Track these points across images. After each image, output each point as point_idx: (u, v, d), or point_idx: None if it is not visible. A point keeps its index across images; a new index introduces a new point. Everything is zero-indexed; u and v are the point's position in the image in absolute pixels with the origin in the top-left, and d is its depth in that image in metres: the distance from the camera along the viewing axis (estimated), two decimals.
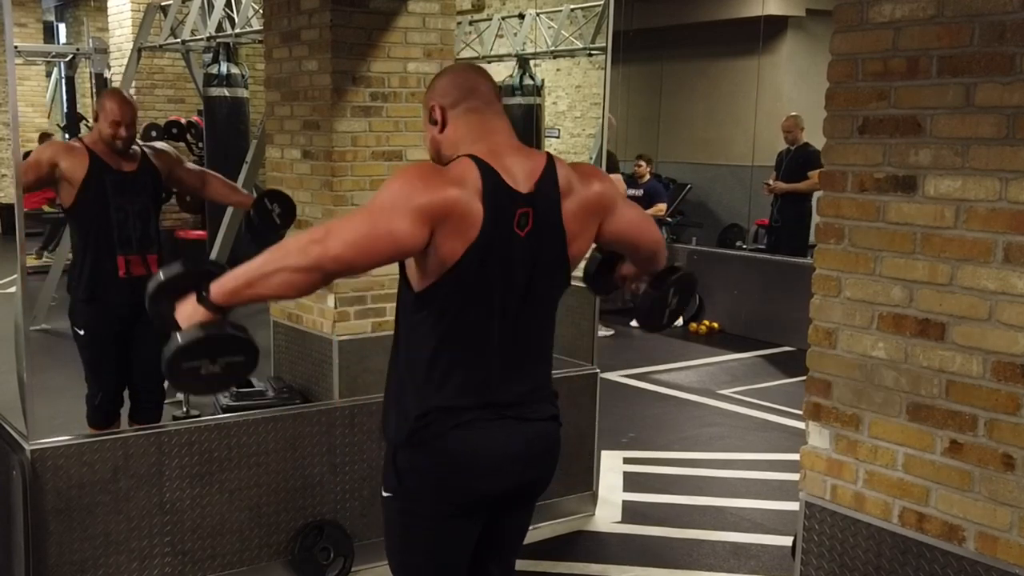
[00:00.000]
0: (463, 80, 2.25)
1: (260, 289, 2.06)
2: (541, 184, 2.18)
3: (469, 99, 2.23)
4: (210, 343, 2.09)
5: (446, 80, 2.27)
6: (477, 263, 2.10)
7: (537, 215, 2.17)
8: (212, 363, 2.09)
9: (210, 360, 2.09)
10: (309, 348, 5.28)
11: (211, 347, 2.10)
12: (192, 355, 2.08)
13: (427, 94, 2.30)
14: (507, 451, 2.22)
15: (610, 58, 4.55)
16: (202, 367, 2.09)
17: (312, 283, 2.05)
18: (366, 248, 2.03)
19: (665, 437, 5.85)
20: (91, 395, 4.47)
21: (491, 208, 2.09)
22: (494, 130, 2.22)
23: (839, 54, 2.77)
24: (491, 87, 2.28)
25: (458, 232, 2.07)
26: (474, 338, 2.18)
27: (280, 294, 2.08)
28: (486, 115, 2.23)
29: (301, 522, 3.68)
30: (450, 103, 2.23)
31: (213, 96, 8.99)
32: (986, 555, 2.54)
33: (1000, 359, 2.47)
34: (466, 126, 2.22)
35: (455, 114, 2.23)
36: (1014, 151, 2.42)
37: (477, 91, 2.24)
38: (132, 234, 4.31)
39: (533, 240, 2.17)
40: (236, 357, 2.12)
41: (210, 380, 2.13)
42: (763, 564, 4.12)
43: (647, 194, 10.19)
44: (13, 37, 3.69)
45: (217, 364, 2.10)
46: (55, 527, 3.20)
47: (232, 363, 2.12)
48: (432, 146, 2.28)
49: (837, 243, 2.81)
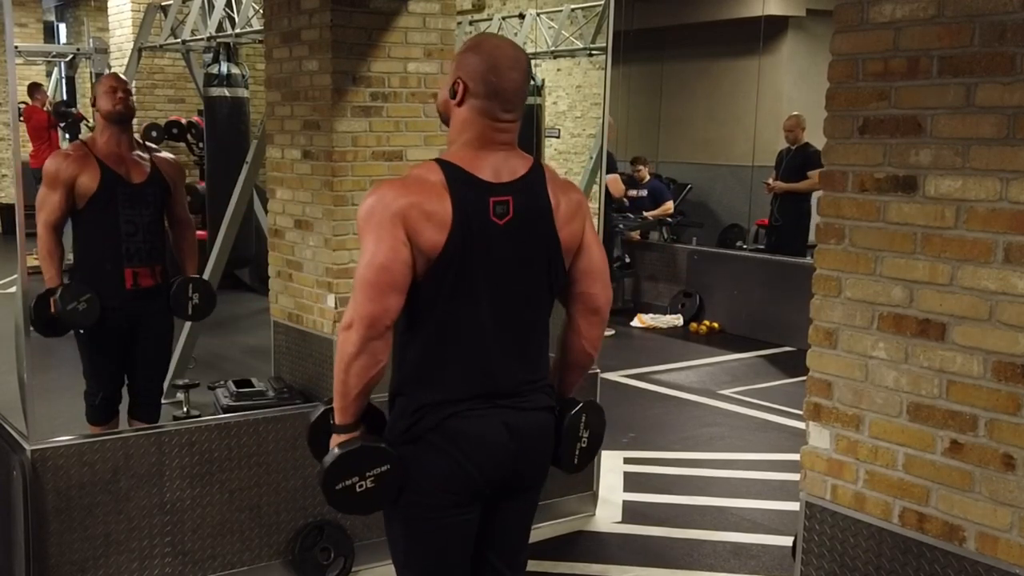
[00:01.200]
0: (495, 76, 2.21)
1: (353, 388, 2.18)
2: (526, 176, 2.25)
3: (490, 100, 2.22)
4: (350, 459, 2.21)
5: (481, 64, 2.21)
6: (457, 254, 2.16)
7: (518, 204, 2.22)
8: (363, 479, 2.21)
9: (359, 476, 2.20)
10: (309, 348, 5.28)
11: (353, 463, 2.21)
12: (338, 475, 2.21)
13: (459, 58, 2.26)
14: (500, 439, 2.26)
15: (610, 58, 4.55)
16: (355, 485, 2.21)
17: (381, 346, 2.16)
18: (387, 288, 2.13)
19: (665, 437, 5.85)
20: (91, 393, 4.47)
21: (458, 198, 2.16)
22: (492, 138, 2.24)
23: (840, 54, 2.77)
24: (518, 86, 2.24)
25: (432, 226, 2.14)
26: (465, 331, 2.22)
27: (371, 375, 2.18)
28: (495, 124, 2.24)
29: (301, 522, 3.68)
30: (472, 91, 2.23)
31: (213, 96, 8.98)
32: (986, 555, 2.53)
33: (1000, 359, 2.47)
34: (471, 122, 2.24)
35: (471, 104, 2.24)
36: (1014, 151, 2.41)
37: (502, 94, 2.22)
38: (141, 247, 4.32)
39: (515, 229, 2.22)
40: (381, 467, 2.22)
41: (367, 496, 2.23)
42: (763, 564, 4.12)
43: (651, 194, 10.19)
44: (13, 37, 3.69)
45: (367, 479, 2.21)
46: (55, 527, 3.20)
47: (381, 474, 2.22)
48: (443, 107, 2.31)
49: (837, 243, 2.81)
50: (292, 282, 5.35)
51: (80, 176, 4.20)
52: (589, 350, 2.44)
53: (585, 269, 2.37)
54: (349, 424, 2.23)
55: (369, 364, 2.15)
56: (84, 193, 4.22)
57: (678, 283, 9.30)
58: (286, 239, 5.37)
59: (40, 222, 4.22)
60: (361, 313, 2.13)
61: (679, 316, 9.03)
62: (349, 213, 4.91)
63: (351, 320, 2.15)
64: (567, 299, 2.40)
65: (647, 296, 9.62)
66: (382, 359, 2.17)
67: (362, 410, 2.25)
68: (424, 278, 2.17)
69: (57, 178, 4.21)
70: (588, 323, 2.41)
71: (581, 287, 2.38)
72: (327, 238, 5.00)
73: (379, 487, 2.22)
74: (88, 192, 4.21)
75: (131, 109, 4.34)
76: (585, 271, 2.37)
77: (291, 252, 5.33)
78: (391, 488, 2.25)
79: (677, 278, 9.32)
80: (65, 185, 4.19)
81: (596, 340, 2.44)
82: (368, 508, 2.31)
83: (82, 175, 4.21)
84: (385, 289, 2.13)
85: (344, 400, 2.20)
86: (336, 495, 2.22)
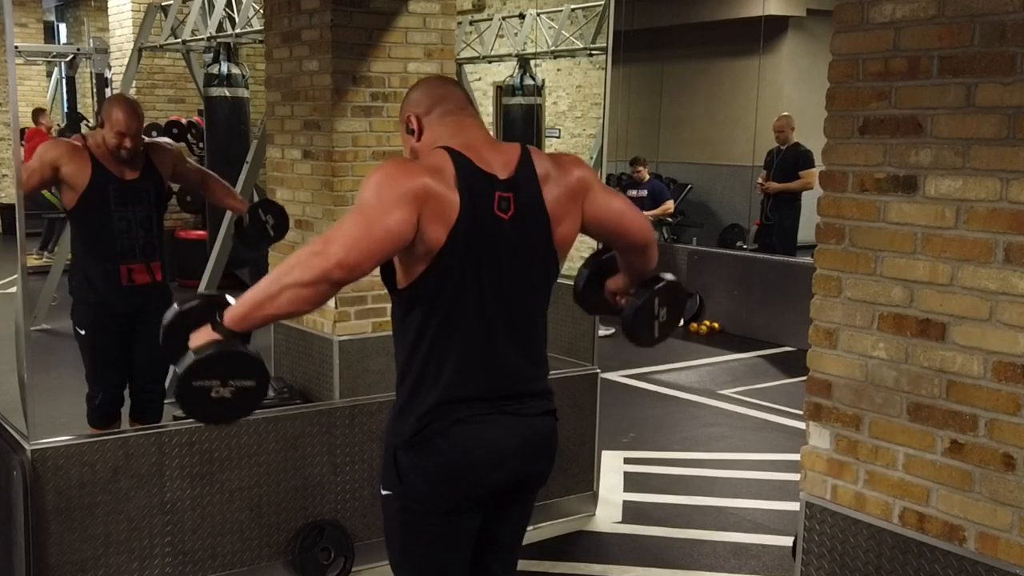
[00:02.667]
0: (434, 88, 2.34)
1: (270, 309, 2.05)
2: (519, 171, 2.24)
3: (442, 103, 2.29)
4: (221, 360, 2.07)
5: (418, 91, 2.35)
6: (462, 247, 2.14)
7: (519, 199, 2.22)
8: (223, 386, 2.07)
9: (221, 382, 2.07)
10: (310, 348, 5.28)
11: (222, 365, 2.07)
12: (203, 373, 2.06)
13: (401, 108, 2.37)
14: (505, 447, 2.25)
15: (611, 58, 4.55)
16: (212, 389, 2.06)
17: (321, 295, 2.05)
18: (367, 248, 2.05)
19: (665, 437, 5.85)
20: (92, 395, 4.47)
21: (466, 191, 2.14)
22: (468, 128, 2.28)
23: (840, 54, 2.77)
24: (462, 94, 2.36)
25: (439, 217, 2.12)
26: (467, 329, 2.21)
27: (291, 311, 2.07)
28: (460, 117, 2.30)
29: (301, 522, 3.68)
30: (424, 111, 2.30)
31: (214, 96, 8.99)
32: (987, 555, 2.53)
33: (1001, 359, 2.47)
34: (441, 127, 2.27)
35: (430, 120, 2.29)
36: (1015, 151, 2.41)
37: (449, 97, 2.31)
38: (135, 243, 4.31)
39: (517, 224, 2.21)
40: (247, 381, 2.10)
41: (220, 405, 2.09)
42: (764, 564, 4.12)
43: (651, 194, 10.20)
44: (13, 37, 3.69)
45: (227, 388, 2.07)
46: (56, 527, 3.20)
47: (243, 388, 2.09)
48: (412, 153, 2.33)
49: (838, 243, 2.81)
50: None
51: (67, 165, 4.15)
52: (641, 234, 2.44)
53: (609, 218, 2.36)
54: (238, 333, 2.09)
55: (305, 298, 2.03)
56: (75, 186, 4.19)
57: None
58: (286, 239, 5.37)
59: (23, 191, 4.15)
60: (338, 256, 2.02)
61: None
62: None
63: (322, 252, 2.02)
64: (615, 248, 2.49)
65: None
66: (316, 304, 2.07)
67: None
68: (427, 272, 2.15)
69: (43, 158, 4.18)
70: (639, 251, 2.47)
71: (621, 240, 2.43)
72: None
73: (235, 400, 2.09)
74: (79, 186, 4.19)
75: (133, 154, 4.23)
76: (611, 219, 2.37)
77: (291, 252, 5.32)
78: (246, 408, 2.14)
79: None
80: (49, 164, 4.14)
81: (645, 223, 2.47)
82: (214, 418, 2.20)
83: (69, 165, 4.16)
84: (375, 250, 2.06)
85: (255, 311, 2.06)
86: (191, 392, 2.07)
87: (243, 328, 2.09)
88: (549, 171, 2.28)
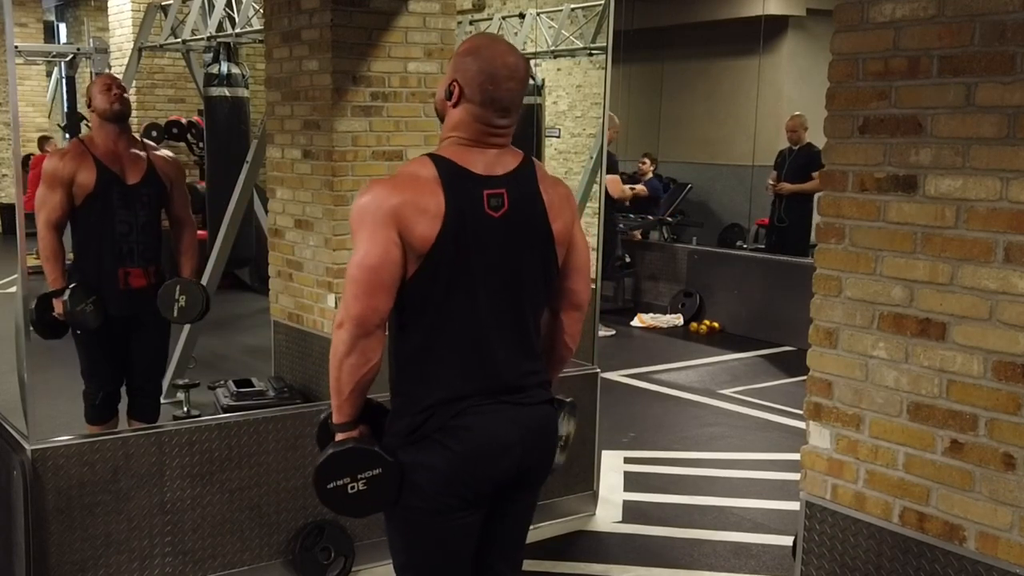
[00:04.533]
0: (491, 85, 2.20)
1: (345, 386, 2.19)
2: (518, 169, 2.26)
3: (485, 107, 2.22)
4: (340, 460, 2.21)
5: (479, 72, 2.21)
6: (452, 245, 2.16)
7: (512, 195, 2.23)
8: (355, 480, 2.20)
9: (351, 478, 2.20)
10: (309, 348, 5.28)
11: (343, 464, 2.21)
12: (328, 474, 2.21)
13: (457, 59, 2.26)
14: (506, 437, 2.26)
15: (611, 58, 4.55)
16: (347, 486, 2.21)
17: (372, 345, 2.17)
18: (370, 290, 2.14)
19: (666, 437, 5.85)
20: (90, 393, 4.47)
21: (451, 190, 2.17)
22: (485, 141, 2.25)
23: (840, 54, 2.77)
24: (515, 95, 2.24)
25: (420, 222, 2.14)
26: (464, 324, 2.22)
27: (362, 373, 2.19)
28: (489, 129, 2.24)
29: (301, 522, 3.68)
30: (468, 95, 2.23)
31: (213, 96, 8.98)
32: (987, 555, 2.53)
33: (1001, 359, 2.47)
34: (466, 124, 2.25)
35: (466, 107, 2.24)
36: (1015, 151, 2.41)
37: (498, 102, 2.22)
38: (135, 247, 4.31)
39: (510, 220, 2.23)
40: (374, 471, 2.21)
41: (360, 498, 2.22)
42: (764, 564, 4.12)
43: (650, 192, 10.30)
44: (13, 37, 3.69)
45: (359, 481, 2.21)
46: (55, 527, 3.20)
47: (373, 477, 2.21)
48: (440, 105, 2.33)
49: (838, 243, 2.81)
50: (292, 282, 5.35)
51: (78, 173, 4.20)
52: (571, 344, 2.48)
53: (573, 265, 2.40)
54: (346, 423, 2.24)
55: (360, 363, 2.17)
56: (82, 191, 4.22)
57: (678, 283, 9.30)
58: (286, 239, 5.37)
59: (41, 222, 4.21)
60: (351, 313, 2.15)
61: (679, 316, 9.03)
62: (349, 213, 4.91)
63: (342, 319, 2.17)
64: (552, 295, 2.41)
65: (647, 296, 9.63)
66: (373, 357, 2.18)
67: (358, 409, 2.25)
68: (418, 272, 2.17)
69: (56, 177, 4.20)
70: (571, 319, 2.45)
71: (568, 283, 2.41)
72: (327, 238, 5.01)
73: (372, 490, 2.22)
74: (85, 190, 4.22)
75: (127, 106, 4.32)
76: (572, 267, 2.40)
77: (291, 252, 5.33)
78: (385, 492, 2.24)
79: (677, 278, 9.33)
80: (64, 184, 4.19)
81: (577, 335, 2.49)
82: (361, 510, 2.31)
83: (80, 172, 4.21)
84: (374, 289, 2.15)
85: (338, 398, 2.22)
86: (327, 494, 2.23)
87: (346, 418, 2.24)
88: (547, 178, 2.34)
